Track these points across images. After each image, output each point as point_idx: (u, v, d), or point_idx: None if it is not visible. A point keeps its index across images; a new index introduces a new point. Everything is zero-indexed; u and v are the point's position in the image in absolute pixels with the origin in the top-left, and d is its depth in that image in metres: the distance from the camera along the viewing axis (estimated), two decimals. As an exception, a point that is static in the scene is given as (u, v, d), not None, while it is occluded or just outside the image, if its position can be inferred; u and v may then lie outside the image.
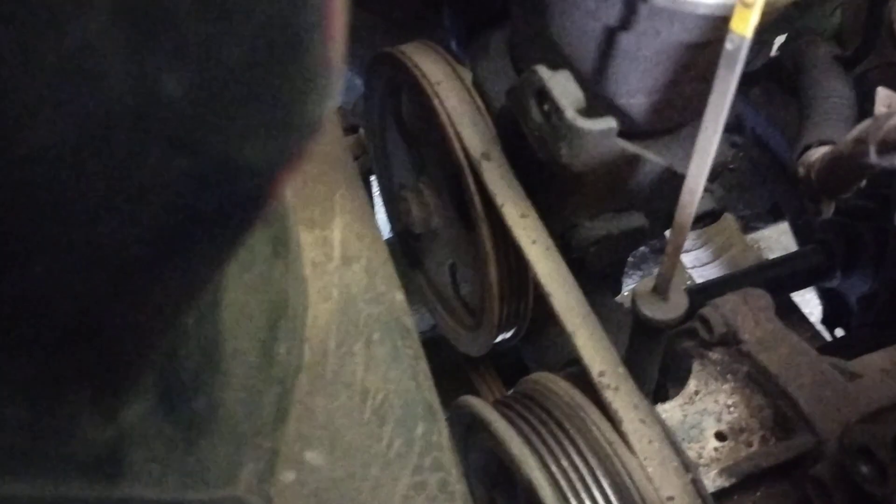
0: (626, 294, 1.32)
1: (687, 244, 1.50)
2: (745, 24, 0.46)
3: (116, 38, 0.20)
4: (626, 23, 0.60)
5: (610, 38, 0.63)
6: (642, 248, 1.55)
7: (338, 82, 0.27)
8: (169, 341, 0.38)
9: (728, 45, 0.47)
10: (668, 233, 0.72)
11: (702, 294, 1.14)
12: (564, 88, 0.58)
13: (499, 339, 0.83)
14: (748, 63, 0.99)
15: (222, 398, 0.45)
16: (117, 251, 0.26)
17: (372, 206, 0.94)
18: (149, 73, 0.21)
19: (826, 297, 1.30)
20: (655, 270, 0.61)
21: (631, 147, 0.63)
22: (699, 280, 1.51)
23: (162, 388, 0.38)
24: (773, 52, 1.06)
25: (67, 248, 0.24)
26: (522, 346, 0.93)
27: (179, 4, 0.21)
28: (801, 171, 0.67)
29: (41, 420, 0.30)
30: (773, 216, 1.59)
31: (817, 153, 0.66)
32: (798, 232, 1.39)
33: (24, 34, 0.19)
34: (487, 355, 0.96)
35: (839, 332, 1.28)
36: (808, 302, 1.47)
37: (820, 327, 1.32)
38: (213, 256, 0.31)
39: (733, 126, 1.27)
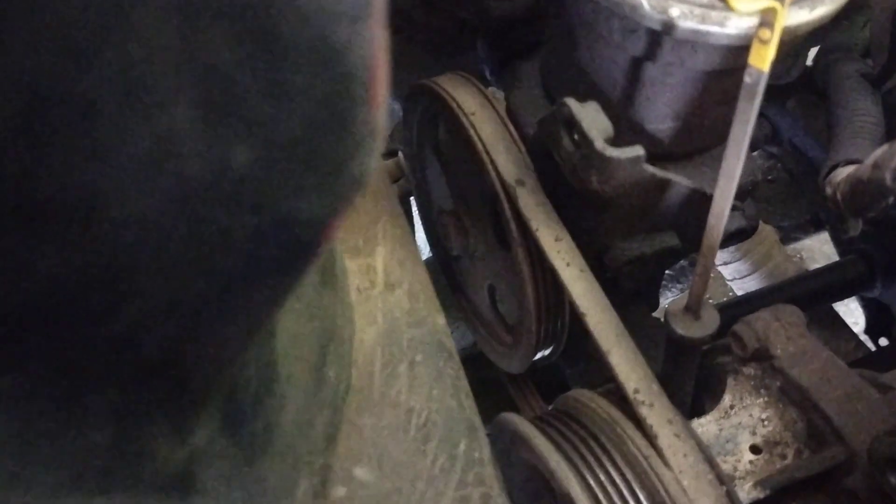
0: (665, 305, 1.33)
1: (726, 256, 1.51)
2: (762, 60, 0.48)
3: (196, 120, 0.24)
4: (651, 54, 0.63)
5: (636, 67, 0.65)
6: (682, 262, 1.56)
7: (380, 143, 0.31)
8: (232, 370, 0.42)
9: (747, 79, 0.49)
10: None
11: (743, 306, 1.15)
12: (593, 119, 0.61)
13: (537, 356, 0.85)
14: (784, 75, 1.01)
15: (278, 420, 0.48)
16: (193, 297, 0.29)
17: (412, 227, 0.97)
18: (222, 148, 0.25)
19: (869, 307, 1.30)
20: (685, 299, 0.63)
21: (660, 172, 0.66)
22: (739, 292, 1.52)
23: (226, 412, 0.42)
24: (809, 61, 1.07)
25: (153, 297, 0.28)
26: (562, 363, 0.95)
27: (248, 89, 0.25)
28: (829, 190, 0.69)
29: (124, 443, 0.34)
30: (814, 226, 1.58)
31: (843, 173, 0.67)
32: (838, 242, 1.39)
33: (123, 125, 0.23)
34: (527, 372, 0.99)
35: (883, 342, 1.28)
36: (853, 312, 1.46)
37: (864, 337, 1.32)
38: (273, 297, 0.35)
39: (770, 138, 1.28)
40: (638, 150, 0.61)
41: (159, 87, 0.22)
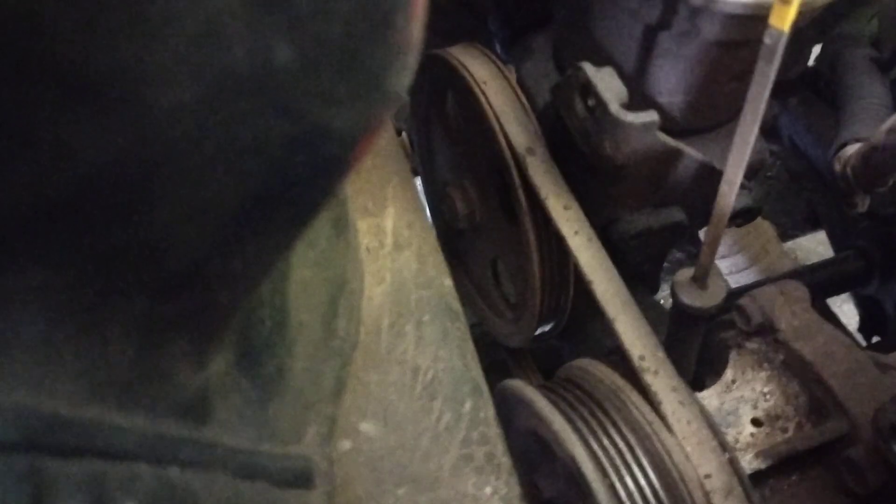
0: (661, 301, 1.33)
1: (723, 250, 1.52)
2: (783, 20, 0.48)
3: (242, 10, 0.24)
4: (666, 23, 0.63)
5: (651, 37, 0.66)
6: (678, 254, 1.57)
7: (416, 58, 0.31)
8: (249, 305, 0.42)
9: (767, 40, 0.49)
10: (702, 233, 0.74)
11: (737, 297, 1.15)
12: (609, 84, 0.61)
13: (539, 331, 0.86)
14: (786, 70, 1.02)
15: (289, 364, 0.48)
16: (222, 204, 0.29)
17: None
18: (265, 40, 0.25)
19: (863, 304, 1.30)
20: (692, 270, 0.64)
21: (671, 141, 0.66)
22: (735, 286, 1.52)
23: (241, 347, 0.42)
24: (811, 62, 1.08)
25: (182, 199, 0.28)
26: (561, 342, 0.95)
27: None
28: (838, 166, 0.69)
29: (145, 360, 0.34)
30: (811, 225, 1.59)
31: (853, 148, 0.68)
32: (835, 240, 1.40)
33: (171, 3, 0.22)
34: (528, 352, 0.99)
35: (876, 340, 1.29)
36: (846, 313, 1.47)
37: (857, 335, 1.32)
38: (298, 218, 0.35)
39: (769, 134, 1.29)
40: (652, 116, 0.61)
41: (210, -35, 0.22)
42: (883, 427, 0.55)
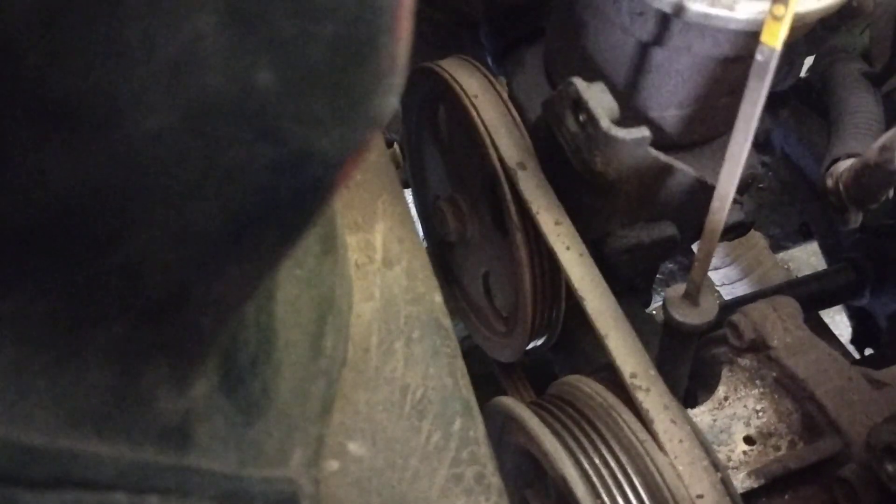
0: (654, 312, 1.33)
1: (716, 261, 1.52)
2: (775, 37, 0.48)
3: (222, 32, 0.23)
4: (658, 38, 0.63)
5: (643, 53, 0.65)
6: (670, 266, 1.56)
7: (401, 80, 0.30)
8: (232, 326, 0.41)
9: (759, 57, 0.49)
10: (695, 246, 0.74)
11: (730, 310, 1.15)
12: (600, 99, 0.61)
13: (531, 345, 0.85)
14: (778, 83, 1.02)
15: (275, 385, 0.47)
16: (203, 229, 0.29)
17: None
18: (245, 65, 0.24)
19: (855, 316, 1.30)
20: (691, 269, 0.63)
21: (663, 157, 0.65)
22: (728, 298, 1.52)
23: (225, 369, 0.41)
24: (803, 73, 1.08)
25: (163, 225, 0.27)
26: (553, 356, 0.95)
27: (274, 5, 0.24)
28: (830, 182, 0.69)
29: (124, 387, 0.33)
30: (803, 236, 1.59)
31: (845, 164, 0.68)
32: (827, 251, 1.40)
33: (149, 28, 0.22)
34: (520, 365, 0.98)
35: (869, 353, 1.28)
36: (838, 324, 1.47)
37: (850, 347, 1.32)
38: (282, 241, 0.34)
39: (762, 144, 1.29)
40: (643, 132, 0.61)
41: (188, -11, 0.22)
42: (876, 447, 0.55)
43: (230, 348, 0.42)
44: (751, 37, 0.61)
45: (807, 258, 2.05)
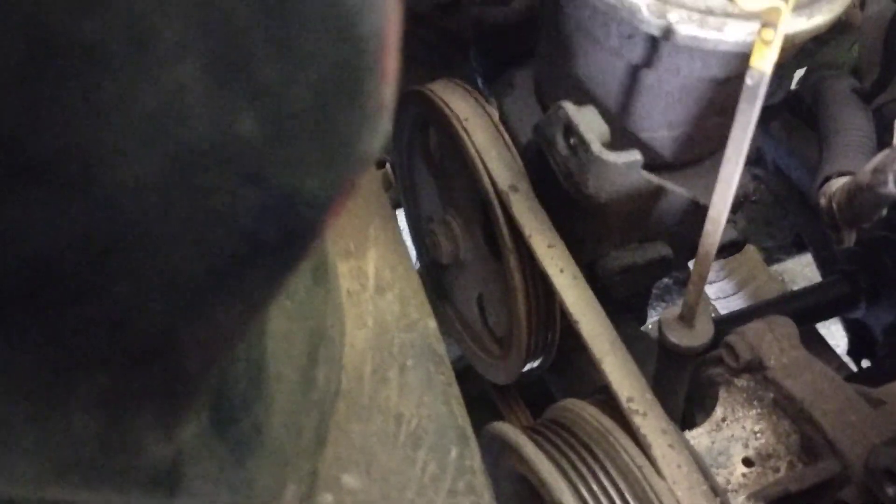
0: (650, 326, 1.33)
1: (711, 276, 1.51)
2: (764, 61, 0.48)
3: (204, 81, 0.23)
4: (648, 61, 0.63)
5: (633, 75, 0.65)
6: (666, 280, 1.56)
7: (388, 120, 0.30)
8: (222, 365, 0.40)
9: (748, 81, 0.49)
10: (692, 263, 0.74)
11: (726, 325, 1.14)
12: (590, 123, 0.60)
13: (526, 368, 0.84)
14: (769, 96, 1.02)
15: (267, 420, 0.47)
16: (188, 276, 0.28)
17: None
18: (228, 113, 0.24)
19: (851, 328, 1.30)
20: (680, 301, 0.63)
21: (655, 179, 0.65)
22: (723, 312, 1.52)
23: (214, 409, 0.40)
24: (794, 85, 1.08)
25: (148, 274, 0.27)
26: (549, 377, 0.94)
27: (259, 50, 0.23)
28: (822, 201, 0.69)
29: (111, 434, 0.32)
30: (797, 248, 1.59)
31: (837, 183, 0.67)
32: (822, 263, 1.40)
33: (128, 82, 0.21)
34: (515, 385, 0.98)
35: (865, 364, 1.28)
36: (834, 334, 1.47)
37: (846, 359, 1.32)
38: (270, 283, 0.33)
39: (754, 159, 1.29)
40: (635, 156, 0.60)
41: (168, 39, 0.21)
42: (875, 470, 0.54)
43: (221, 386, 0.41)
44: (741, 58, 0.61)
45: (801, 269, 2.05)
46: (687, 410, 0.74)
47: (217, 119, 0.24)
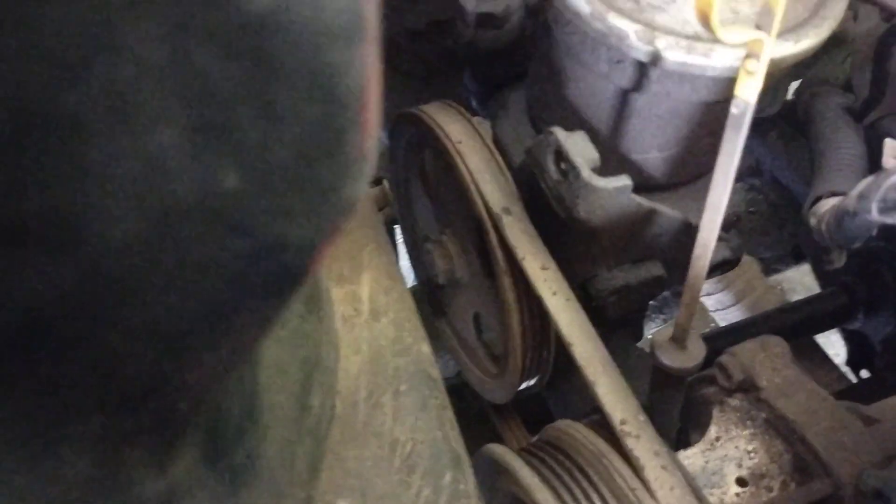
0: (648, 337, 1.33)
1: (709, 288, 1.52)
2: (749, 90, 0.48)
3: (185, 143, 0.23)
4: (638, 85, 0.63)
5: (623, 98, 0.66)
6: (664, 293, 1.56)
7: (371, 168, 0.30)
8: (214, 399, 0.41)
9: (734, 110, 0.49)
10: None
11: (726, 337, 1.15)
12: (580, 148, 0.61)
13: (522, 386, 0.85)
14: (763, 110, 1.02)
15: (261, 450, 0.47)
16: (177, 323, 0.29)
17: (396, 255, 0.97)
18: (210, 171, 0.24)
19: (850, 338, 1.30)
20: (677, 313, 0.63)
21: (646, 202, 0.66)
22: (722, 323, 1.52)
23: (207, 442, 0.41)
24: (790, 94, 1.09)
25: (136, 324, 0.27)
26: (547, 393, 0.94)
27: (239, 111, 0.24)
28: (813, 221, 0.69)
29: (103, 474, 0.33)
30: (795, 258, 1.59)
31: (827, 205, 0.68)
32: (820, 274, 1.40)
33: (111, 146, 0.22)
34: (512, 402, 0.98)
35: (864, 374, 1.28)
36: (834, 343, 1.47)
37: (845, 369, 1.32)
38: (259, 324, 0.34)
39: (751, 170, 1.29)
40: (625, 180, 0.61)
41: (148, 106, 0.22)
42: (866, 492, 0.55)
43: (213, 419, 0.41)
44: (730, 81, 0.61)
45: (800, 278, 2.05)
46: (682, 429, 0.74)
47: (200, 177, 0.24)
